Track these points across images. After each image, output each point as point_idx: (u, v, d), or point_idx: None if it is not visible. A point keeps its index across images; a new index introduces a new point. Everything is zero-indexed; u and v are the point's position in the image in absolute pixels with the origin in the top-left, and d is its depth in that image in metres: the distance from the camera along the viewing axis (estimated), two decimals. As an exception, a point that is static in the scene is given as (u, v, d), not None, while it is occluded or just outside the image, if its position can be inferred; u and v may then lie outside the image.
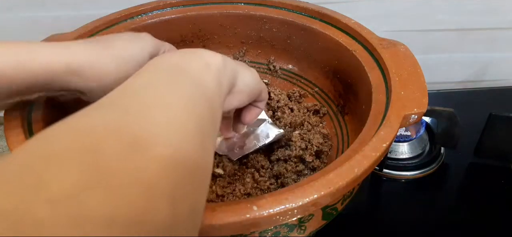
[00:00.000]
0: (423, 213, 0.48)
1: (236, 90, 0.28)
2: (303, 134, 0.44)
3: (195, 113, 0.20)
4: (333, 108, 0.47)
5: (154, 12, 0.49)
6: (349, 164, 0.27)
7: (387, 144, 0.29)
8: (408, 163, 0.52)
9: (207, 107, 0.22)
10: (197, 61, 0.24)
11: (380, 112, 0.33)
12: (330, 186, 0.25)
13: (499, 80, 0.72)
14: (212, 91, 0.23)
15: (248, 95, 0.30)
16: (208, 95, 0.23)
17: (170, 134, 0.17)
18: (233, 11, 0.50)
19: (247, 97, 0.30)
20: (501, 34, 0.66)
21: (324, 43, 0.46)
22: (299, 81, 0.51)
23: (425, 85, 0.35)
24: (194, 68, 0.23)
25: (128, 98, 0.19)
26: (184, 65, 0.23)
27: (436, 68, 0.70)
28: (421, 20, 0.64)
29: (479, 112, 0.52)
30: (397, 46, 0.40)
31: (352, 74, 0.43)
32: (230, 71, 0.27)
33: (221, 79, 0.25)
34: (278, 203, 0.24)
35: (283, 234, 0.29)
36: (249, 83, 0.30)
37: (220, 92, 0.25)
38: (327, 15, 0.46)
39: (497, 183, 0.51)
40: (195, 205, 0.18)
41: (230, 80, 0.27)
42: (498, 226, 0.46)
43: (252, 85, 0.30)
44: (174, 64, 0.23)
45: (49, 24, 0.59)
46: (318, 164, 0.41)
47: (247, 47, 0.53)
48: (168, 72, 0.22)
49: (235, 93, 0.29)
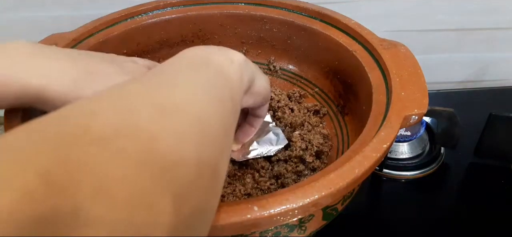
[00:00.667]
0: (423, 213, 0.48)
1: (254, 91, 0.30)
2: (303, 134, 0.44)
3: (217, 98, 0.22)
4: (333, 109, 0.47)
5: (154, 12, 0.49)
6: (349, 165, 0.27)
7: (388, 144, 0.29)
8: (408, 163, 0.52)
9: (229, 95, 0.23)
10: (221, 55, 0.25)
11: (380, 113, 0.33)
12: (331, 187, 0.25)
13: (499, 80, 0.72)
14: (234, 82, 0.25)
15: (264, 97, 0.32)
16: (231, 85, 0.24)
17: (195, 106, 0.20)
18: (233, 11, 0.50)
19: (262, 99, 0.32)
20: (501, 34, 0.66)
21: (324, 43, 0.46)
22: (299, 81, 0.51)
23: (425, 86, 0.35)
24: (218, 60, 0.25)
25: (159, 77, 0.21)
26: (210, 57, 0.25)
27: (436, 68, 0.70)
28: (421, 20, 0.64)
29: (479, 112, 0.52)
30: (397, 46, 0.40)
31: (353, 75, 0.43)
32: (251, 71, 0.28)
33: (243, 74, 0.27)
34: (279, 204, 0.24)
35: (283, 234, 0.29)
36: (265, 86, 0.31)
37: (241, 86, 0.26)
38: (327, 15, 0.46)
39: (497, 183, 0.51)
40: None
41: (250, 78, 0.28)
42: (498, 226, 0.46)
43: (267, 89, 0.32)
44: (200, 55, 0.25)
45: (49, 24, 0.59)
46: (318, 165, 0.41)
47: (247, 47, 0.53)
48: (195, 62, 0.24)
49: (253, 93, 0.30)
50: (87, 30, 0.44)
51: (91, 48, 0.43)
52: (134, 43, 0.48)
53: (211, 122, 0.20)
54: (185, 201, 0.16)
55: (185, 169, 0.16)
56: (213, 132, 0.20)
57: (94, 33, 0.44)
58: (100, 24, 0.45)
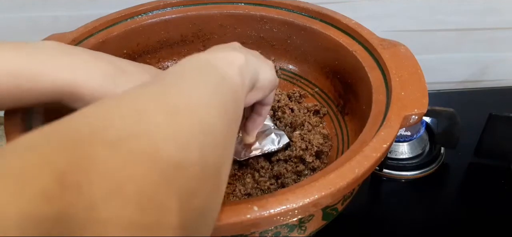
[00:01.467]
0: (423, 213, 0.48)
1: (259, 86, 0.31)
2: (303, 134, 0.44)
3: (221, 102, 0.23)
4: (333, 109, 0.47)
5: (154, 12, 0.49)
6: (349, 165, 0.27)
7: (388, 144, 0.29)
8: (408, 163, 0.52)
9: (232, 98, 0.24)
10: (223, 59, 0.26)
11: (380, 113, 0.33)
12: (331, 187, 0.25)
13: (499, 80, 0.72)
14: (236, 86, 0.26)
15: (270, 88, 0.33)
16: (233, 89, 0.25)
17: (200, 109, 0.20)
18: (233, 11, 0.50)
19: (268, 90, 0.33)
20: (501, 34, 0.66)
21: (324, 43, 0.46)
22: (299, 81, 0.51)
23: (425, 86, 0.35)
24: (221, 64, 0.26)
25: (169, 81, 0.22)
26: (213, 61, 0.26)
27: (436, 68, 0.70)
28: (421, 20, 0.64)
29: (479, 112, 0.52)
30: (397, 46, 0.40)
31: (353, 75, 0.43)
32: (253, 69, 0.29)
33: (244, 76, 0.27)
34: (279, 204, 0.24)
35: (283, 234, 0.29)
36: (270, 77, 0.32)
37: (243, 88, 0.27)
38: (327, 15, 0.46)
39: (497, 183, 0.51)
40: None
41: (252, 77, 0.29)
42: (498, 226, 0.46)
43: (272, 79, 0.32)
44: (204, 59, 0.26)
45: (49, 24, 0.59)
46: (318, 165, 0.41)
47: (247, 47, 0.53)
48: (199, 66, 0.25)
49: (258, 89, 0.31)
50: (87, 30, 0.44)
51: (91, 48, 0.43)
52: (134, 43, 0.48)
53: (216, 126, 0.20)
54: (191, 202, 0.17)
55: (191, 171, 0.17)
56: (217, 136, 0.20)
57: (94, 33, 0.44)
58: (100, 24, 0.45)
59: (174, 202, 0.15)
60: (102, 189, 0.13)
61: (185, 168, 0.17)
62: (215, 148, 0.20)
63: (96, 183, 0.13)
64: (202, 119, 0.19)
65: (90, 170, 0.14)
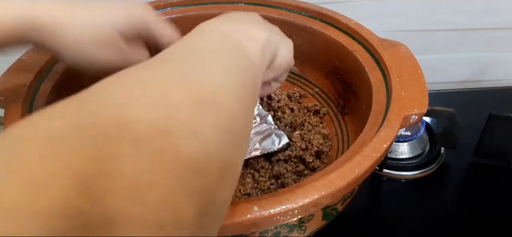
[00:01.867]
0: (423, 213, 0.48)
1: (275, 65, 0.29)
2: (304, 134, 0.44)
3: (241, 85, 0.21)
4: (333, 109, 0.47)
5: (154, 12, 0.49)
6: (349, 165, 0.27)
7: (388, 144, 0.29)
8: (408, 163, 0.52)
9: (251, 79, 0.23)
10: (244, 32, 0.25)
11: (380, 113, 0.33)
12: (331, 187, 0.25)
13: (499, 80, 0.72)
14: (256, 64, 0.24)
15: (286, 69, 0.31)
16: (253, 67, 0.23)
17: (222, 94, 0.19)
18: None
19: (284, 70, 0.31)
20: (501, 34, 0.66)
21: (324, 43, 0.46)
22: (299, 81, 0.51)
23: (425, 86, 0.35)
24: (242, 38, 0.24)
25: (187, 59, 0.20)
26: (233, 35, 0.24)
27: (436, 68, 0.70)
28: (421, 20, 0.64)
29: (479, 112, 0.52)
30: (397, 46, 0.40)
31: (353, 75, 0.43)
32: (274, 47, 0.27)
33: (265, 53, 0.26)
34: (279, 204, 0.24)
35: (283, 234, 0.29)
36: (287, 58, 0.30)
37: (262, 66, 0.25)
38: (327, 15, 0.46)
39: (497, 183, 0.51)
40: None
41: (272, 55, 0.27)
42: (498, 226, 0.46)
43: (289, 59, 0.31)
44: (224, 33, 0.24)
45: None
46: (318, 165, 0.41)
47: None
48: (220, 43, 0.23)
49: (274, 68, 0.29)
50: (87, 30, 0.44)
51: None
52: (134, 43, 0.48)
53: (235, 114, 0.19)
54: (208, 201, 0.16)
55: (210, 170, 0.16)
56: (236, 125, 0.19)
57: (94, 33, 0.44)
58: (100, 24, 0.45)
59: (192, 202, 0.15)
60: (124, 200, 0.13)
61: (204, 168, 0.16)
62: (233, 139, 0.19)
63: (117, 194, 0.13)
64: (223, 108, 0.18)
65: (114, 177, 0.13)
